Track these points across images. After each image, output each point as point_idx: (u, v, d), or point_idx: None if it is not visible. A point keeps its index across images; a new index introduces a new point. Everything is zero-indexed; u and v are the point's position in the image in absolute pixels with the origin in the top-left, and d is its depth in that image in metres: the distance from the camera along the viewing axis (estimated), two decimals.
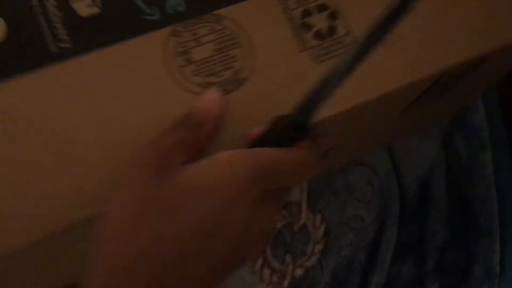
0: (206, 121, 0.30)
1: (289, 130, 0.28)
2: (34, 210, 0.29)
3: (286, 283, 0.53)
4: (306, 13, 0.34)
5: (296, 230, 0.55)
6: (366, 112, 0.36)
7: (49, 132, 0.30)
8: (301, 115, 0.28)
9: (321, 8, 0.35)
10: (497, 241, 0.55)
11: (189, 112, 0.30)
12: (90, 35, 0.32)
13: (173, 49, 0.33)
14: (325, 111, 0.32)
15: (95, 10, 0.33)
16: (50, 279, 0.38)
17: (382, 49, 0.30)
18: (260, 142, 0.29)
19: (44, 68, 0.31)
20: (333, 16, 0.35)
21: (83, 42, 0.32)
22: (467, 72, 0.40)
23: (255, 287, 0.52)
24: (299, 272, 0.53)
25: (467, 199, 0.57)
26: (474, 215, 0.57)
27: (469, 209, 0.57)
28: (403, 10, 0.24)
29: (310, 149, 0.29)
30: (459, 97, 0.51)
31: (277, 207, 0.29)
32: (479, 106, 0.59)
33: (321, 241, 0.55)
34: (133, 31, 0.33)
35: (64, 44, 0.32)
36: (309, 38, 0.34)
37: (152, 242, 0.25)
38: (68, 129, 0.30)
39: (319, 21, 0.34)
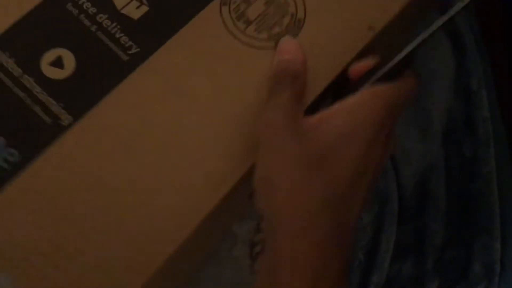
0: (299, 70, 0.31)
1: (401, 65, 0.31)
2: (182, 200, 0.31)
3: None
4: None
5: None
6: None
7: (160, 130, 0.31)
8: (409, 50, 0.30)
9: None
10: (497, 239, 0.55)
11: (281, 68, 0.31)
12: (151, 33, 0.33)
13: (229, 16, 0.34)
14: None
15: (144, 9, 0.33)
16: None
17: None
18: (368, 77, 0.31)
19: (126, 78, 0.32)
20: None
21: (148, 41, 0.33)
22: None
23: None
24: None
25: (468, 197, 0.56)
26: (474, 213, 0.56)
27: (469, 207, 0.56)
28: None
29: (413, 76, 0.32)
30: None
31: (395, 135, 0.32)
32: (483, 102, 0.58)
33: None
34: (187, 15, 0.34)
35: (132, 50, 0.33)
36: None
37: (323, 190, 0.28)
38: (177, 120, 0.32)
39: None
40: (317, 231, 0.27)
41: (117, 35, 0.33)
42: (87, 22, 0.33)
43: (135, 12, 0.33)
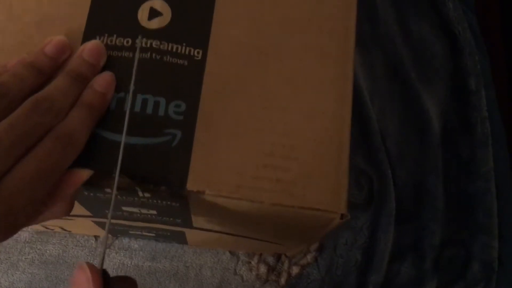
0: None
1: None
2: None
3: (283, 280, 0.52)
4: None
5: None
6: None
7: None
8: None
9: None
10: (495, 237, 0.55)
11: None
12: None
13: None
14: None
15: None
16: None
17: None
18: None
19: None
20: None
21: None
22: None
23: (252, 285, 0.52)
24: (295, 270, 0.53)
25: (466, 196, 0.57)
26: (472, 212, 0.56)
27: (467, 206, 0.57)
28: None
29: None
30: None
31: None
32: (482, 102, 0.59)
33: None
34: None
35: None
36: None
37: None
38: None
39: None
40: None
41: None
42: None
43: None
